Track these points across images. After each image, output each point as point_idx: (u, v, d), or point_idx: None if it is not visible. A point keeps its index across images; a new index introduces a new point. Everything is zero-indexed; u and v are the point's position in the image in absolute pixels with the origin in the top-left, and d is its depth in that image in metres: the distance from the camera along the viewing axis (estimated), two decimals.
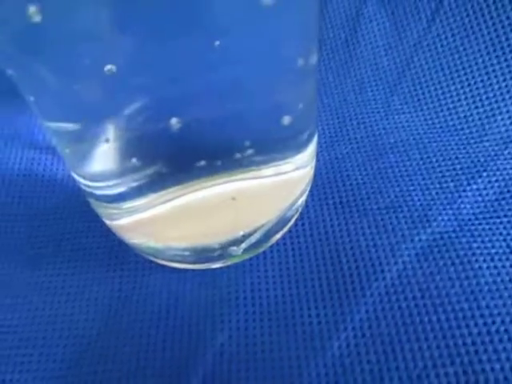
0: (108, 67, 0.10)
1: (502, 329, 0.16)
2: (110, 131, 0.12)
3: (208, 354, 0.15)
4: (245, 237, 0.16)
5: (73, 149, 0.14)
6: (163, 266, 0.18)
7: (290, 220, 0.18)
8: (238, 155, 0.13)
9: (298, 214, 0.19)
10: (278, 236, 0.18)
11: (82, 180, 0.15)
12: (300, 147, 0.16)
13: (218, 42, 0.10)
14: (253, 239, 0.16)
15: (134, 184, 0.14)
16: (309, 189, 0.19)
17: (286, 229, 0.18)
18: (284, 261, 0.18)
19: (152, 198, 0.14)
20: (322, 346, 0.16)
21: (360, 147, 0.22)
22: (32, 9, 0.09)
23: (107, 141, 0.12)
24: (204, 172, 0.13)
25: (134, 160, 0.13)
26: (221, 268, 0.18)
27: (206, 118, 0.12)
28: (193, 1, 0.10)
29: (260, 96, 0.13)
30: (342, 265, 0.18)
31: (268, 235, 0.17)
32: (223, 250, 0.16)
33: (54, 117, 0.13)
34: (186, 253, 0.16)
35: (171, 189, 0.14)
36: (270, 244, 0.18)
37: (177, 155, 0.13)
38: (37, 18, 0.09)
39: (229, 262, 0.17)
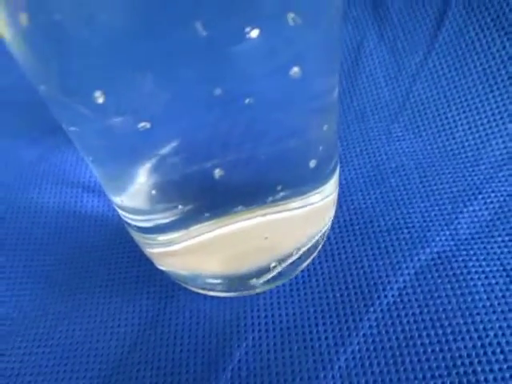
0: (143, 124, 0.12)
1: (495, 342, 0.17)
2: (150, 175, 0.14)
3: (227, 369, 0.17)
4: (275, 267, 0.18)
5: (115, 186, 0.16)
6: (185, 288, 0.20)
7: (317, 247, 0.20)
8: (270, 198, 0.15)
9: (325, 239, 0.20)
10: (307, 263, 0.20)
11: (121, 211, 0.17)
12: (326, 178, 0.17)
13: (248, 100, 0.12)
14: (283, 268, 0.18)
15: (171, 219, 0.15)
16: (334, 214, 0.20)
17: (313, 255, 0.20)
18: (294, 282, 0.20)
19: (186, 232, 0.16)
20: (330, 359, 0.18)
21: (363, 172, 0.23)
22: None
23: (147, 182, 0.14)
24: (238, 211, 0.15)
25: (171, 200, 0.15)
26: None
27: (242, 165, 0.14)
28: (226, 65, 0.11)
29: (289, 142, 0.14)
30: (348, 284, 0.19)
31: (298, 263, 0.19)
32: (253, 281, 0.18)
33: (96, 158, 0.15)
34: (217, 281, 0.18)
35: (205, 224, 0.15)
36: (299, 271, 0.20)
37: (213, 198, 0.14)
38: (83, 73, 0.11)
39: (257, 291, 0.19)
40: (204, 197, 0.15)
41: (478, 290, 0.18)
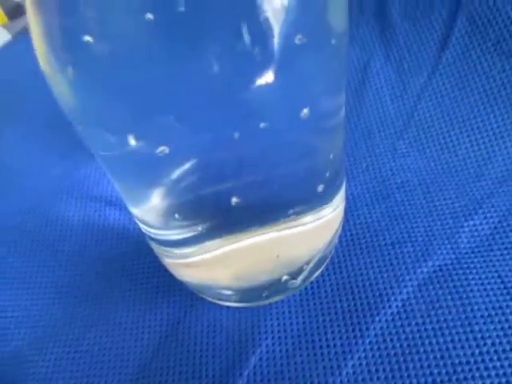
0: (162, 148, 0.13)
1: (492, 350, 0.18)
2: (167, 195, 0.16)
3: (243, 374, 0.19)
4: (287, 280, 0.19)
5: (135, 201, 0.17)
6: (203, 298, 0.21)
7: (326, 260, 0.21)
8: (282, 217, 0.16)
9: (333, 252, 0.22)
10: (316, 275, 0.21)
11: (140, 223, 0.19)
12: (335, 193, 0.18)
13: (262, 125, 0.13)
14: (294, 280, 0.19)
15: (185, 236, 0.17)
16: (341, 228, 0.21)
17: (322, 268, 0.21)
18: (304, 292, 0.21)
19: (200, 247, 0.17)
20: (339, 365, 0.19)
21: (369, 187, 0.25)
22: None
23: (164, 201, 0.16)
24: (250, 229, 0.16)
25: (186, 219, 0.16)
26: None
27: (256, 189, 0.15)
28: (243, 102, 0.12)
29: (301, 162, 0.15)
30: (354, 295, 0.21)
31: (307, 276, 0.20)
32: (266, 292, 0.19)
33: (117, 177, 0.17)
34: (231, 293, 0.19)
35: (218, 240, 0.17)
36: (309, 282, 0.21)
37: (227, 219, 0.16)
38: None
39: (270, 301, 0.21)
40: (218, 217, 0.16)
41: (477, 301, 0.20)
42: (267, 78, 0.11)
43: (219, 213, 0.16)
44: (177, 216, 0.16)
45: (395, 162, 0.25)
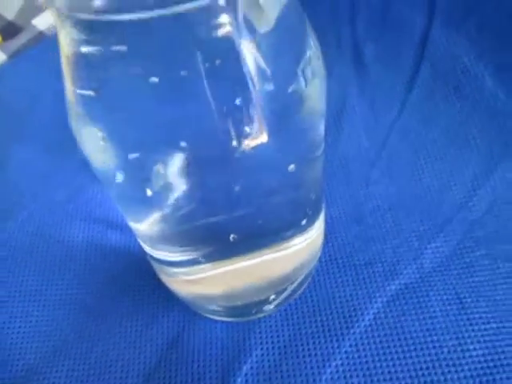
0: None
1: (449, 357, 0.22)
2: (163, 223, 0.18)
3: (236, 381, 0.22)
4: (275, 298, 0.22)
5: (135, 221, 0.20)
6: (199, 313, 0.24)
7: (308, 279, 0.24)
8: (272, 244, 0.19)
9: (313, 272, 0.25)
10: (299, 292, 0.24)
11: (139, 239, 0.21)
12: (317, 217, 0.21)
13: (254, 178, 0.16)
14: (282, 298, 0.22)
15: (182, 258, 0.19)
16: (321, 249, 0.24)
17: (304, 286, 0.24)
18: (288, 308, 0.24)
19: (194, 268, 0.20)
20: (319, 372, 0.22)
21: (346, 212, 0.28)
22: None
23: (159, 227, 0.18)
24: (241, 254, 0.19)
25: (183, 246, 0.19)
26: None
27: (248, 224, 0.17)
28: (239, 161, 0.14)
29: (287, 200, 0.18)
30: (332, 310, 0.24)
31: (292, 293, 0.23)
32: (255, 308, 0.22)
33: (121, 205, 0.19)
34: (222, 309, 0.22)
35: (213, 263, 0.19)
36: (292, 299, 0.24)
37: (219, 247, 0.19)
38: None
39: (259, 316, 0.23)
40: (211, 245, 0.19)
41: (436, 315, 0.23)
42: (260, 142, 0.14)
43: (212, 242, 0.19)
44: (170, 240, 0.19)
45: (368, 189, 0.29)
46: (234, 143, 0.13)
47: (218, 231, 0.18)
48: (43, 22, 0.49)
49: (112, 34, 0.12)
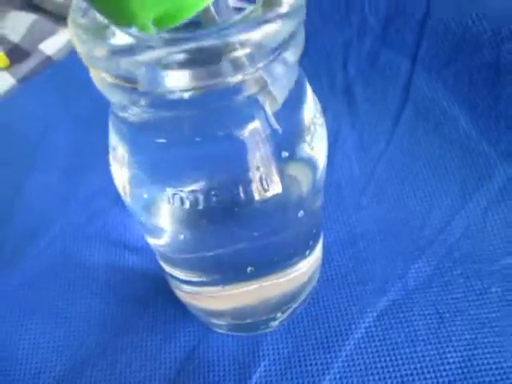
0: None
1: (430, 365, 0.25)
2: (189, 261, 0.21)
3: None
4: (280, 316, 0.25)
5: (167, 260, 0.23)
6: (212, 328, 0.27)
7: (310, 294, 0.27)
8: (279, 270, 0.22)
9: (313, 291, 0.28)
10: (301, 309, 0.27)
11: (163, 265, 0.24)
12: (317, 243, 0.24)
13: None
14: (285, 316, 0.25)
15: (192, 279, 0.22)
16: (320, 270, 0.28)
17: (306, 303, 0.28)
18: (291, 323, 0.27)
19: (204, 289, 0.23)
20: (319, 379, 0.25)
21: (340, 236, 0.31)
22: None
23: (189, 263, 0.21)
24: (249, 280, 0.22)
25: (193, 271, 0.22)
26: None
27: (256, 254, 0.21)
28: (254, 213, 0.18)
29: (296, 234, 0.22)
30: (329, 324, 0.27)
31: (296, 309, 0.26)
32: (263, 325, 0.25)
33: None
34: (233, 325, 0.25)
35: (224, 286, 0.23)
36: (295, 315, 0.27)
37: (230, 275, 0.22)
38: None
39: (264, 331, 0.27)
40: (220, 273, 0.22)
41: (419, 328, 0.27)
42: (276, 193, 0.17)
43: (227, 271, 0.22)
44: (181, 264, 0.22)
45: (359, 214, 0.32)
46: (256, 196, 0.17)
47: (234, 263, 0.21)
48: (50, 46, 0.51)
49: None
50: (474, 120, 0.31)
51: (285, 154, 0.16)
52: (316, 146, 0.18)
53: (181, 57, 0.12)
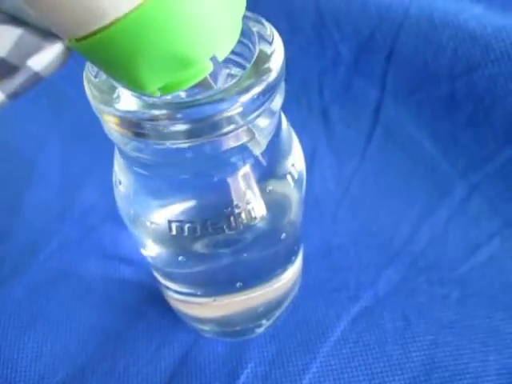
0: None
1: (397, 362, 0.28)
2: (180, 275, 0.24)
3: None
4: (265, 322, 0.28)
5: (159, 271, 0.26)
6: (203, 334, 0.30)
7: (292, 302, 0.30)
8: (266, 282, 0.25)
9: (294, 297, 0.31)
10: (283, 315, 0.30)
11: (158, 277, 0.27)
12: (298, 254, 0.27)
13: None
14: (270, 322, 0.28)
15: (183, 290, 0.25)
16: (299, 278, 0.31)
17: (288, 309, 0.30)
18: (274, 329, 0.30)
19: (195, 299, 0.26)
20: (300, 378, 0.28)
21: (317, 247, 0.34)
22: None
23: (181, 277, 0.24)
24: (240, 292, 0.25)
25: (186, 284, 0.25)
26: None
27: (245, 269, 0.24)
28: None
29: (280, 250, 0.24)
30: (308, 328, 0.30)
31: (280, 316, 0.29)
32: (247, 331, 0.28)
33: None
34: (221, 331, 0.28)
35: (216, 298, 0.26)
36: (278, 320, 0.30)
37: (220, 288, 0.25)
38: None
39: (250, 336, 0.29)
40: (211, 286, 0.24)
41: (389, 330, 0.30)
42: (261, 220, 0.20)
43: (211, 285, 0.24)
44: (175, 278, 0.25)
45: (335, 227, 0.35)
46: (246, 225, 0.20)
47: (224, 280, 0.24)
48: (38, 63, 0.53)
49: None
50: (436, 142, 0.34)
51: (269, 188, 0.19)
52: (297, 181, 0.21)
53: (182, 120, 0.15)
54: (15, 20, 0.60)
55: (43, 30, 0.57)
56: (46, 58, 0.54)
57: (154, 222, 0.19)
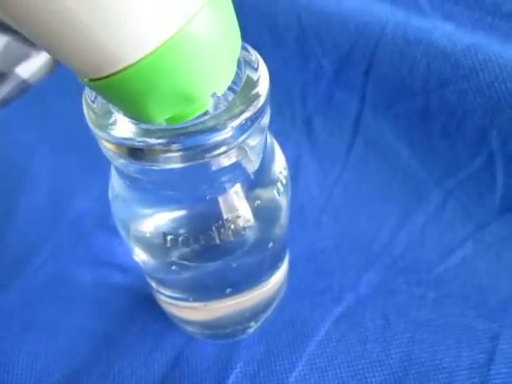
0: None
1: (377, 359, 0.30)
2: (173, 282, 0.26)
3: None
4: (253, 324, 0.30)
5: (154, 279, 0.27)
6: (194, 336, 0.31)
7: (278, 304, 0.32)
8: (255, 287, 0.27)
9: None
10: (270, 317, 0.32)
11: (151, 282, 0.28)
12: (285, 259, 0.29)
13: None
14: (258, 324, 0.30)
15: (175, 295, 0.27)
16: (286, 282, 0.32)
17: (275, 312, 0.32)
18: (262, 330, 0.32)
19: (186, 304, 0.27)
20: (287, 376, 0.30)
21: (302, 251, 0.36)
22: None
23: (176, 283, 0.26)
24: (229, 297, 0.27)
25: (177, 290, 0.26)
26: None
27: (235, 276, 0.25)
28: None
29: (267, 256, 0.26)
30: (294, 328, 0.32)
31: (267, 318, 0.31)
32: (236, 333, 0.30)
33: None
34: (211, 334, 0.30)
35: (202, 302, 0.27)
36: (266, 322, 0.32)
37: (210, 293, 0.26)
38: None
39: (239, 337, 0.31)
40: (201, 292, 0.26)
41: (369, 329, 0.32)
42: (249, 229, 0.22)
43: (202, 291, 0.26)
44: (168, 284, 0.26)
45: (319, 232, 0.37)
46: (236, 236, 0.21)
47: (215, 286, 0.25)
48: (26, 70, 0.53)
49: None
50: (413, 151, 0.36)
51: (257, 202, 0.21)
52: (282, 194, 0.23)
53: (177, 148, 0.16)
54: (2, 27, 0.60)
55: None
56: (33, 65, 0.55)
57: (148, 232, 0.21)
